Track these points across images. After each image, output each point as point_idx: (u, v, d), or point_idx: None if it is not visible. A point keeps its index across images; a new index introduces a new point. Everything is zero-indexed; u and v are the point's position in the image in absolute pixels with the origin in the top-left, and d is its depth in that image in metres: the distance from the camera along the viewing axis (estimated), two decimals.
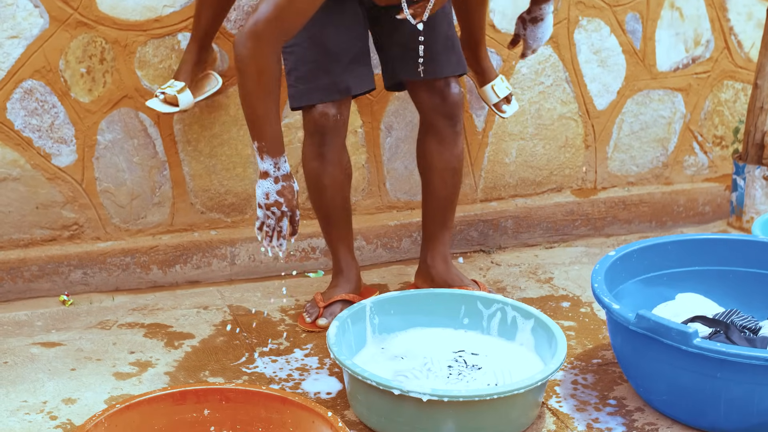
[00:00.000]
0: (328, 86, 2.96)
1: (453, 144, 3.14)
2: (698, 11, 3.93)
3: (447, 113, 3.09)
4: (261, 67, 2.61)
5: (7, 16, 3.19)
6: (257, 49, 2.60)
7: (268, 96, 2.64)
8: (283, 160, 2.72)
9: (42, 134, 3.31)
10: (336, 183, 3.09)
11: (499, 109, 3.46)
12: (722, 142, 4.12)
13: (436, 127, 3.11)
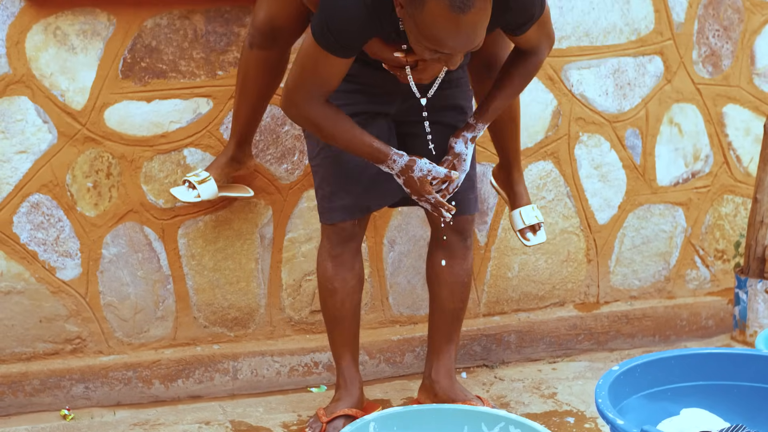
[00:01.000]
0: (349, 206, 3.02)
1: (463, 259, 3.15)
2: (697, 127, 3.98)
3: (459, 229, 3.12)
4: (316, 120, 2.79)
5: (17, 132, 3.24)
6: (301, 110, 2.79)
7: (346, 127, 2.80)
8: (392, 160, 2.82)
9: (47, 248, 3.33)
10: (347, 287, 3.10)
11: (523, 236, 3.42)
12: (724, 256, 4.13)
13: (447, 242, 3.12)
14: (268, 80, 3.22)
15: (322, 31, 2.67)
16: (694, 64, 3.92)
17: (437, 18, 2.49)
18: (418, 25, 2.53)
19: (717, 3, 3.90)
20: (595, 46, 3.76)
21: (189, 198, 3.26)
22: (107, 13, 3.24)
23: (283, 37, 3.14)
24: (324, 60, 2.70)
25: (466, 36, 2.52)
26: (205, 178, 3.27)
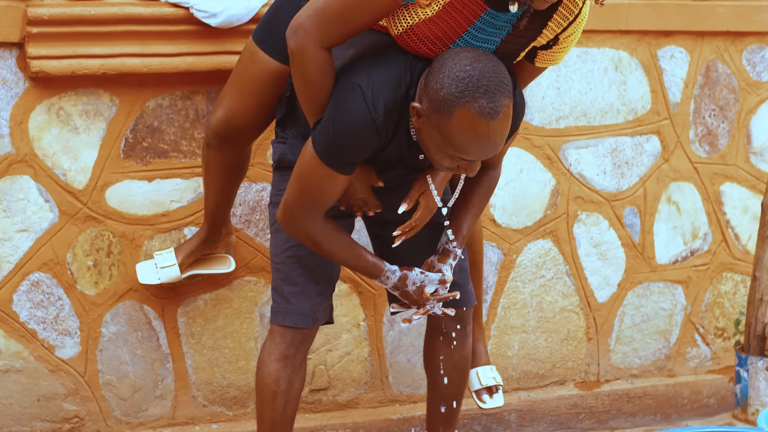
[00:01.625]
0: (308, 312, 2.87)
1: (462, 345, 3.08)
2: (695, 205, 4.00)
3: (458, 319, 3.02)
4: (315, 237, 2.71)
5: (18, 210, 3.26)
6: (301, 227, 2.71)
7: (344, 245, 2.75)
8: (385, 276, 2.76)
9: (47, 326, 3.33)
10: (292, 390, 2.89)
11: (478, 398, 3.34)
12: (724, 333, 4.13)
13: (446, 328, 3.06)
14: (230, 178, 3.19)
15: (329, 149, 2.57)
16: (691, 144, 3.95)
17: (466, 126, 2.44)
18: (443, 133, 2.47)
19: (713, 83, 3.95)
20: (593, 126, 3.80)
21: (150, 281, 3.28)
22: (110, 94, 3.28)
23: (241, 137, 3.08)
24: (329, 179, 2.62)
25: (494, 143, 2.48)
26: (170, 264, 3.27)
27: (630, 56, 3.81)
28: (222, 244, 3.36)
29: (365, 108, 2.54)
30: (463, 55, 2.48)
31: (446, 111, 2.44)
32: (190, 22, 3.23)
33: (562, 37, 2.61)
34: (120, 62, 3.21)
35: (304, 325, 2.86)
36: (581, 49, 3.74)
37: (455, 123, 2.45)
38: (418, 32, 2.56)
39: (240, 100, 2.98)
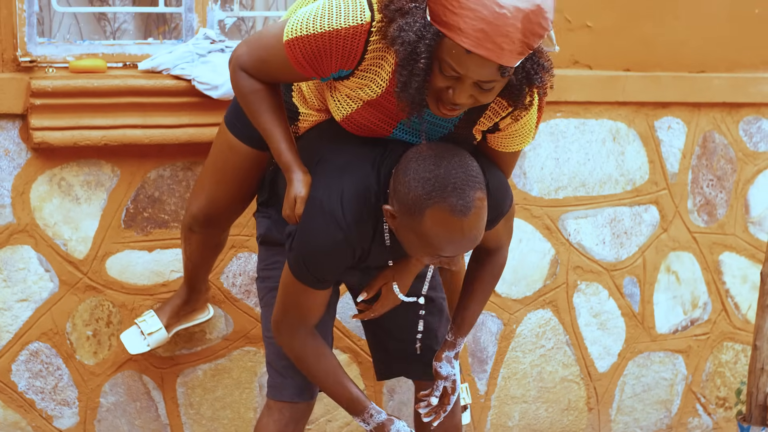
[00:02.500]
0: (304, 386, 2.83)
1: (453, 412, 3.06)
2: (694, 275, 4.01)
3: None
4: (301, 354, 2.66)
5: (18, 280, 3.26)
6: (288, 342, 2.66)
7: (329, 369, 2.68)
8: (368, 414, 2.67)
9: (45, 396, 3.32)
10: None
11: None
12: (725, 403, 4.11)
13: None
14: (210, 254, 3.20)
15: (299, 268, 2.54)
16: (689, 213, 3.97)
17: (439, 225, 2.38)
18: (418, 234, 2.41)
19: (710, 153, 3.98)
20: (592, 196, 3.82)
21: (139, 350, 3.27)
22: (111, 165, 3.30)
23: (223, 222, 3.08)
24: (304, 294, 2.59)
25: (470, 238, 2.41)
26: (156, 329, 3.27)
27: (628, 127, 3.84)
28: (202, 300, 3.36)
29: (335, 228, 2.50)
30: (426, 153, 2.42)
31: (417, 213, 2.39)
32: (191, 94, 3.26)
33: (503, 125, 2.55)
34: (122, 133, 3.24)
35: (301, 399, 2.82)
36: (579, 120, 3.77)
37: (428, 224, 2.38)
38: (358, 119, 2.55)
39: (220, 189, 2.96)
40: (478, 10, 2.22)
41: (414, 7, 2.33)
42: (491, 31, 2.22)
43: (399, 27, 2.32)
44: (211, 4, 3.36)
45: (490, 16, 2.22)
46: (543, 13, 2.26)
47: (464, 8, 2.23)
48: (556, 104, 3.73)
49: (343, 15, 2.39)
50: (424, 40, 2.29)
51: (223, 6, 3.45)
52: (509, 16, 2.22)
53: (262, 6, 3.60)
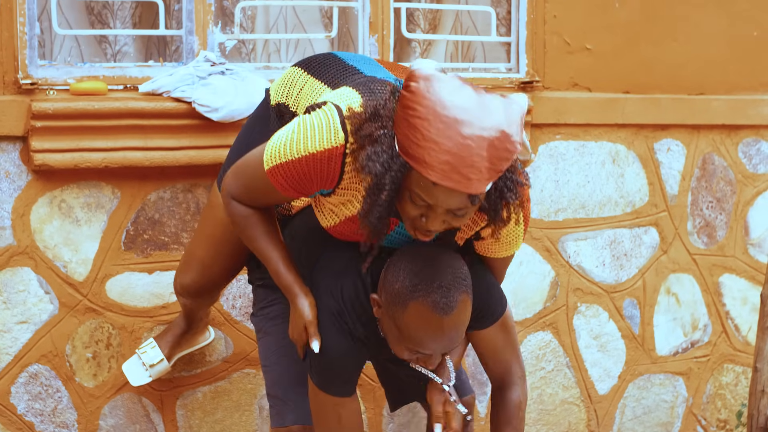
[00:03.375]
0: (305, 411, 2.79)
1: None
2: (694, 297, 4.01)
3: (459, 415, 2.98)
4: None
5: (18, 302, 3.26)
6: None
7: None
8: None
9: (44, 418, 3.31)
10: None
11: None
12: (726, 425, 4.10)
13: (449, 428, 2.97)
14: (206, 305, 3.22)
15: (324, 381, 2.56)
16: (689, 235, 3.97)
17: (419, 320, 2.39)
18: (399, 326, 2.43)
19: (710, 176, 3.98)
20: (591, 218, 3.82)
21: (141, 382, 3.26)
22: (112, 187, 3.30)
23: (215, 290, 3.08)
24: (342, 407, 2.59)
25: (449, 338, 2.42)
26: (158, 361, 3.26)
27: (627, 149, 3.85)
28: (202, 325, 3.36)
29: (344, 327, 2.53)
30: (420, 250, 2.45)
31: (401, 304, 2.41)
32: (191, 116, 3.27)
33: (485, 234, 2.55)
34: (122, 155, 3.24)
35: (305, 422, 2.79)
36: (579, 143, 3.78)
37: (409, 317, 2.40)
38: (342, 230, 2.56)
39: (214, 264, 2.95)
40: (442, 143, 2.21)
41: (383, 135, 2.33)
42: (457, 163, 2.21)
43: (367, 155, 2.32)
44: (211, 27, 3.37)
45: (454, 148, 2.20)
46: (509, 138, 2.24)
47: (428, 141, 2.21)
48: (555, 126, 3.74)
49: (317, 138, 2.40)
50: (390, 172, 2.29)
51: (223, 29, 3.47)
52: (474, 147, 2.21)
53: (262, 29, 3.61)
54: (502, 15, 3.74)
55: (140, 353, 3.26)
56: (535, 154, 3.73)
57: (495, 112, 2.24)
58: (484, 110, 2.23)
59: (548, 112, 3.71)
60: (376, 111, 2.35)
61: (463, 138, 2.21)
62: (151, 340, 3.29)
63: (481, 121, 2.21)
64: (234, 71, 3.32)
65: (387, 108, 2.35)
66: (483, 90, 2.29)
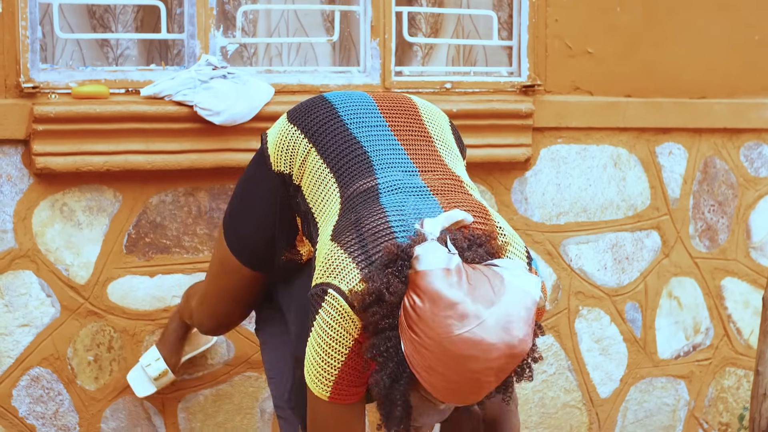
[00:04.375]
0: None
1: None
2: (696, 300, 4.00)
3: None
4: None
5: (20, 305, 3.27)
6: None
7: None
8: None
9: (46, 421, 3.31)
10: None
11: None
12: (728, 429, 4.10)
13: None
14: None
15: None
16: (691, 239, 3.97)
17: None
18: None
19: (711, 179, 3.98)
20: (593, 222, 3.82)
21: (146, 393, 3.27)
22: (113, 190, 3.31)
23: (231, 325, 3.03)
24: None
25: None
26: (161, 373, 3.26)
27: (629, 153, 3.85)
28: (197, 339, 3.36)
29: None
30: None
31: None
32: (193, 120, 3.27)
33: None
34: (124, 159, 3.25)
35: None
36: (580, 146, 3.78)
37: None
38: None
39: (224, 306, 2.90)
40: (449, 376, 2.11)
41: (389, 328, 2.17)
42: (465, 391, 2.14)
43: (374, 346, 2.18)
44: (213, 31, 3.37)
45: (462, 381, 2.12)
46: (519, 354, 2.12)
47: (435, 372, 2.11)
48: (557, 130, 3.74)
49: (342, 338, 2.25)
50: (399, 386, 2.18)
51: (225, 32, 3.47)
52: (482, 379, 2.12)
53: (264, 32, 3.62)
54: (503, 19, 3.75)
55: (145, 366, 3.26)
56: (537, 158, 3.73)
57: (505, 331, 2.10)
58: (495, 333, 2.10)
59: (550, 115, 3.71)
60: (380, 296, 2.18)
61: (470, 372, 2.11)
62: (154, 349, 3.28)
63: (488, 353, 2.09)
64: (236, 75, 3.32)
65: (391, 292, 2.17)
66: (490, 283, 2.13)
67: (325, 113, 2.56)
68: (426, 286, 2.11)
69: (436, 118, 2.61)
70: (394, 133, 2.53)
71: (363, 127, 2.52)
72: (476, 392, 2.15)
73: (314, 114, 2.57)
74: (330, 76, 3.52)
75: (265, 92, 3.35)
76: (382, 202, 2.36)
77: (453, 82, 3.63)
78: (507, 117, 3.61)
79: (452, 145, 2.59)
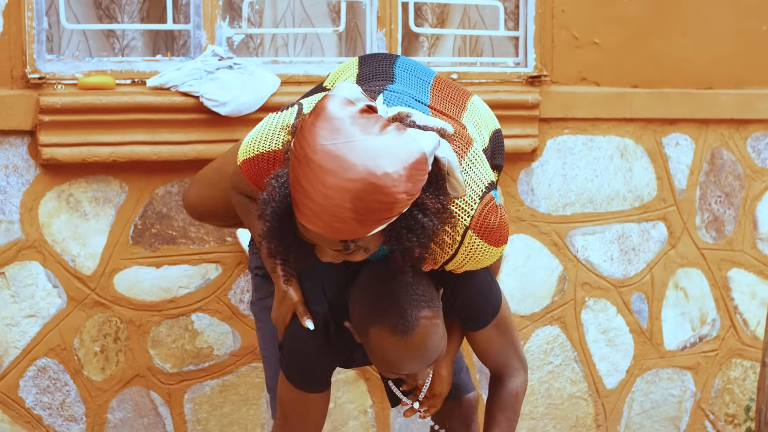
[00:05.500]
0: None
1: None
2: (702, 291, 4.00)
3: (462, 415, 2.91)
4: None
5: (26, 296, 3.27)
6: None
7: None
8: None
9: (52, 412, 3.32)
10: None
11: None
12: (734, 420, 4.10)
13: (451, 429, 2.93)
14: None
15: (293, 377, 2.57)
16: (697, 230, 3.97)
17: (383, 345, 2.36)
18: (371, 351, 2.41)
19: (718, 170, 3.98)
20: (599, 213, 3.82)
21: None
22: (120, 181, 3.31)
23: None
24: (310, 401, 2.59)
25: (421, 357, 2.38)
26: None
27: (635, 144, 3.84)
28: None
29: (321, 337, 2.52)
30: (375, 274, 2.40)
31: (363, 332, 2.40)
32: (199, 110, 3.27)
33: (449, 267, 2.46)
34: (130, 150, 3.25)
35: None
36: (587, 137, 3.78)
37: (374, 344, 2.38)
38: None
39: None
40: (307, 189, 2.14)
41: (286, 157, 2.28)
42: (319, 211, 2.14)
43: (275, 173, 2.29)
44: (219, 21, 3.37)
45: (316, 196, 2.13)
46: (380, 189, 2.12)
47: (298, 183, 2.16)
48: (563, 121, 3.73)
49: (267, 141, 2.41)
50: (272, 203, 2.25)
51: (231, 23, 3.47)
52: (335, 197, 2.11)
53: (270, 23, 3.61)
54: (510, 9, 3.74)
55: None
56: (543, 149, 3.73)
57: (371, 158, 2.12)
58: (360, 156, 2.12)
59: (556, 106, 3.70)
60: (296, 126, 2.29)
61: (324, 187, 2.12)
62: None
63: (346, 171, 2.11)
64: (242, 66, 3.32)
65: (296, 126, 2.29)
66: (383, 126, 2.18)
67: (385, 56, 2.67)
68: (320, 103, 2.19)
69: (483, 111, 2.65)
70: (432, 90, 2.58)
71: (406, 72, 2.59)
72: (334, 217, 2.13)
73: (377, 55, 2.69)
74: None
75: (271, 83, 3.34)
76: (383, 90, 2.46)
77: (459, 73, 3.62)
78: (513, 108, 3.60)
79: (483, 133, 2.61)
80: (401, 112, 2.29)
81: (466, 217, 2.36)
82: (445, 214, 2.26)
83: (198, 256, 3.40)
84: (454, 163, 2.24)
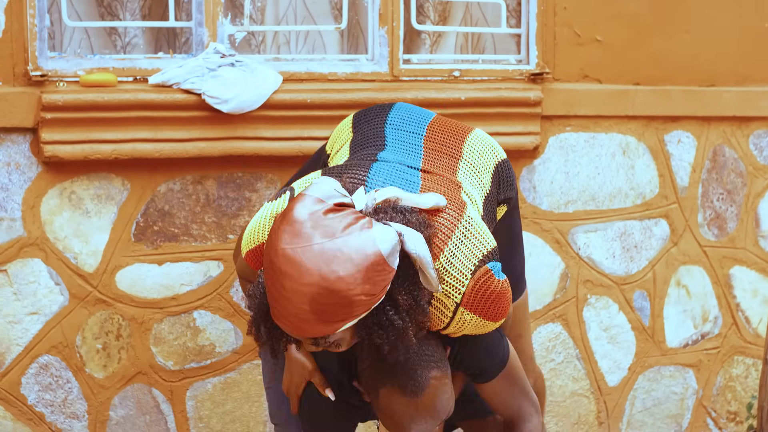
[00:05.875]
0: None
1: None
2: (704, 288, 4.00)
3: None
4: None
5: (28, 293, 3.27)
6: None
7: None
8: None
9: (54, 409, 3.32)
10: None
11: None
12: (736, 417, 4.10)
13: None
14: None
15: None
16: (699, 227, 3.96)
17: (392, 405, 2.39)
18: (379, 410, 2.43)
19: (720, 167, 3.97)
20: (601, 210, 3.82)
21: None
22: (122, 178, 3.31)
23: None
24: None
25: (429, 416, 2.39)
26: None
27: (637, 141, 3.84)
28: None
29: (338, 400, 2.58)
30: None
31: (373, 393, 2.42)
32: (201, 108, 3.27)
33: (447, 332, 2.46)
34: (132, 147, 3.25)
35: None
36: (589, 134, 3.77)
37: (383, 403, 2.40)
38: None
39: None
40: (272, 291, 2.22)
41: None
42: (283, 311, 2.20)
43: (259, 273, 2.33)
44: (221, 19, 3.37)
45: (278, 297, 2.20)
46: (335, 294, 2.16)
47: (267, 285, 2.23)
48: (565, 118, 3.73)
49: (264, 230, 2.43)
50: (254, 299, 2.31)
51: (233, 20, 3.47)
52: (294, 300, 2.17)
53: (272, 20, 3.61)
54: (512, 6, 3.74)
55: None
56: (545, 146, 3.73)
57: (325, 263, 2.16)
58: (315, 261, 2.16)
59: (558, 103, 3.70)
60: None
61: (284, 290, 2.18)
62: None
63: (302, 276, 2.16)
64: (244, 63, 3.32)
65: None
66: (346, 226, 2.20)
67: (378, 112, 2.69)
68: (289, 205, 2.24)
69: (481, 149, 2.62)
70: (425, 143, 2.59)
71: (398, 130, 2.61)
72: (297, 318, 2.18)
73: (370, 112, 2.71)
74: (338, 64, 3.52)
75: (273, 80, 3.34)
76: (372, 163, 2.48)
77: (461, 70, 3.62)
78: (515, 105, 3.60)
79: (483, 176, 2.59)
80: (389, 199, 2.29)
81: (456, 294, 2.35)
82: (417, 309, 2.27)
83: (200, 254, 3.40)
84: (425, 259, 2.24)
